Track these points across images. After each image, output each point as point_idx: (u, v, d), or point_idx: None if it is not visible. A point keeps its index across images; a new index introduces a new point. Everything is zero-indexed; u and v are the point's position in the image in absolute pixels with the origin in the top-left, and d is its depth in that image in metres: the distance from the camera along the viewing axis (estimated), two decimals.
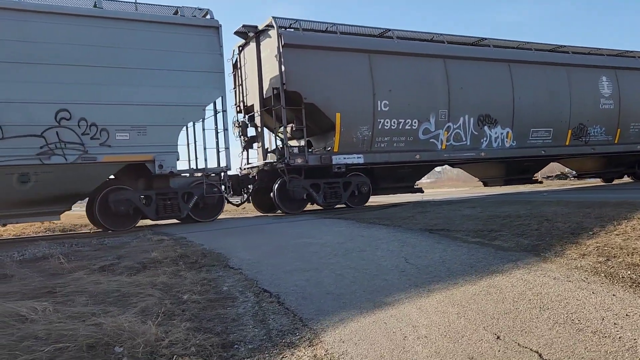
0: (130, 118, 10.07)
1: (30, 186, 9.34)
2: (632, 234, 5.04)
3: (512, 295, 3.42)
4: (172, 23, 10.72)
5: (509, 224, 6.63)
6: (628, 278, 3.54)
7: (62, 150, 9.48)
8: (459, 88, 13.72)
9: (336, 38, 12.57)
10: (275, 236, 7.47)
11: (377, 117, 12.56)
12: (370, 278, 4.23)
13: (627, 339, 2.53)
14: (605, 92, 16.39)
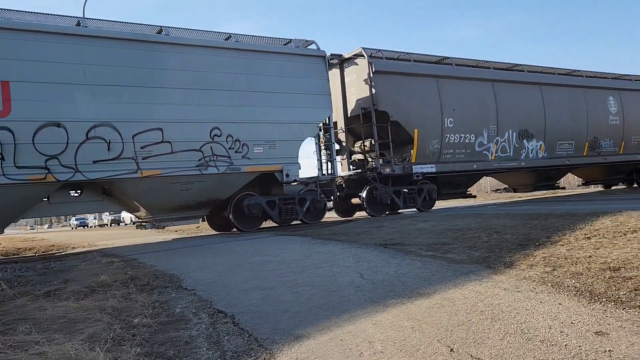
0: (264, 134, 11.80)
1: (188, 193, 11.03)
2: (575, 244, 5.25)
3: (465, 307, 3.49)
4: (293, 54, 12.56)
5: (460, 236, 6.79)
6: (573, 287, 3.68)
7: (214, 162, 11.12)
8: (504, 107, 15.88)
9: (411, 65, 14.59)
10: (230, 255, 7.37)
11: (444, 132, 14.54)
12: (327, 294, 4.23)
13: (572, 346, 2.62)
14: (612, 109, 18.98)
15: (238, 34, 12.01)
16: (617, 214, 7.07)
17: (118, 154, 9.99)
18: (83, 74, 9.79)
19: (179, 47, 10.97)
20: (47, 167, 9.28)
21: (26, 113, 9.19)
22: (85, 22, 10.27)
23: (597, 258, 4.42)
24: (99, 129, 9.84)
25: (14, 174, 9.01)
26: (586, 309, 3.19)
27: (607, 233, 5.63)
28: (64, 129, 9.50)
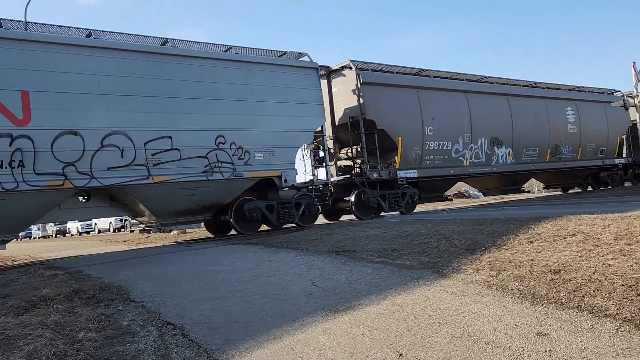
0: (264, 141, 12.34)
1: (193, 198, 11.50)
2: (519, 248, 5.44)
3: (414, 312, 3.56)
4: (289, 65, 13.19)
5: (410, 242, 6.91)
6: (516, 290, 3.81)
7: (219, 169, 11.60)
8: (477, 116, 16.97)
9: (395, 77, 15.53)
10: (181, 265, 7.22)
11: (425, 139, 15.52)
12: (278, 303, 4.22)
13: (515, 347, 2.71)
14: (570, 119, 20.56)
15: (237, 46, 12.55)
16: (558, 219, 7.38)
17: (131, 161, 10.43)
18: (97, 84, 10.20)
19: (187, 59, 11.48)
20: (64, 173, 9.65)
21: (45, 122, 9.53)
22: (98, 34, 10.65)
23: (539, 261, 4.60)
24: (112, 137, 10.26)
25: (34, 180, 9.35)
26: (529, 310, 3.31)
27: (549, 237, 5.87)
28: (80, 137, 9.89)
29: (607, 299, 3.28)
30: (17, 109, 9.31)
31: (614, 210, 8.28)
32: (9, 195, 9.13)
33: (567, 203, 14.10)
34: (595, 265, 4.19)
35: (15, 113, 9.31)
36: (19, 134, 9.25)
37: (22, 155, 9.23)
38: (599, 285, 3.61)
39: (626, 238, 5.13)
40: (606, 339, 2.66)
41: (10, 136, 9.17)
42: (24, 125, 9.34)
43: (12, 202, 9.27)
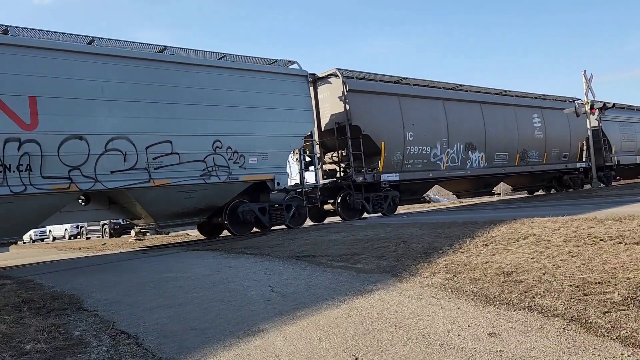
0: (257, 146, 12.85)
1: (191, 201, 11.90)
2: (474, 251, 5.57)
3: (371, 316, 3.59)
4: (282, 73, 13.77)
5: (370, 246, 6.97)
6: (471, 292, 3.89)
7: (216, 172, 12.04)
8: (453, 122, 17.83)
9: (378, 85, 16.28)
10: (136, 272, 7.07)
11: (406, 144, 16.23)
12: (237, 309, 4.18)
13: (468, 348, 2.77)
14: (537, 125, 21.74)
15: (231, 54, 13.04)
16: (512, 222, 7.58)
17: (133, 165, 10.80)
18: (101, 90, 10.54)
19: (187, 67, 11.92)
20: (70, 177, 9.95)
21: (52, 126, 9.81)
22: (100, 42, 11.00)
23: (493, 263, 4.72)
24: (116, 141, 10.60)
25: (40, 183, 9.60)
26: (482, 312, 3.39)
27: (503, 240, 6.02)
28: (85, 141, 10.20)
29: (556, 299, 3.38)
30: (25, 114, 9.57)
31: (564, 213, 8.58)
32: (16, 198, 9.40)
33: (525, 206, 14.51)
34: (545, 266, 4.32)
35: (24, 118, 9.57)
36: (27, 139, 9.52)
37: (29, 159, 9.52)
38: (548, 286, 3.72)
39: (575, 240, 5.32)
40: (554, 338, 2.75)
41: (19, 140, 9.44)
42: (32, 130, 9.60)
43: (19, 205, 9.52)
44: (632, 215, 6.62)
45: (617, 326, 2.75)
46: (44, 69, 9.83)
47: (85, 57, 10.47)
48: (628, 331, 2.65)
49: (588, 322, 2.88)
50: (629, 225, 5.75)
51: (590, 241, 5.12)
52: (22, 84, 9.56)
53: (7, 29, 9.89)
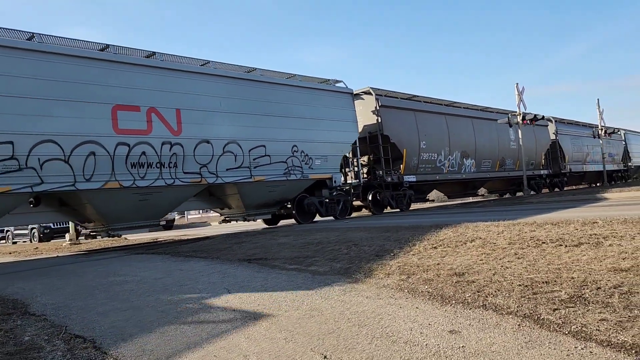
0: (320, 150, 15.65)
1: (273, 194, 14.58)
2: (424, 253, 5.76)
3: (333, 316, 3.65)
4: (334, 90, 16.70)
5: (321, 249, 7.04)
6: (426, 292, 4.03)
7: (293, 171, 14.82)
8: (453, 134, 21.34)
9: (400, 101, 19.75)
10: (82, 276, 6.80)
11: (420, 151, 19.52)
12: (195, 312, 4.13)
13: (432, 345, 2.88)
14: (512, 138, 25.34)
15: (300, 75, 15.87)
16: (457, 226, 7.88)
17: (240, 164, 13.46)
18: (219, 104, 13.16)
19: (272, 85, 14.70)
20: (200, 173, 12.45)
21: (190, 132, 12.34)
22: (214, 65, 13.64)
23: (444, 265, 4.90)
24: (229, 145, 13.22)
25: (183, 177, 12.10)
26: (439, 311, 3.52)
27: (451, 242, 6.26)
28: (210, 144, 12.76)
29: (508, 298, 3.57)
30: (174, 122, 12.10)
31: (505, 218, 9.01)
32: (167, 188, 11.84)
33: (463, 212, 15.07)
34: (494, 267, 4.54)
35: (173, 126, 12.08)
36: (175, 142, 12.02)
37: (176, 158, 11.97)
38: (499, 285, 3.92)
39: (519, 243, 5.61)
40: (511, 334, 2.91)
41: (170, 143, 11.93)
42: (178, 135, 12.10)
43: (167, 194, 12.03)
44: (568, 220, 7.05)
45: (567, 322, 2.94)
46: (184, 87, 12.43)
47: (209, 77, 13.13)
48: (578, 326, 2.85)
49: (540, 319, 3.07)
50: (567, 229, 6.13)
51: (534, 244, 5.42)
52: (171, 99, 12.06)
53: (155, 54, 12.42)
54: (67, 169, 10.22)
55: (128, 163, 11.15)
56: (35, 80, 10.00)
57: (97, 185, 10.65)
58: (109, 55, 11.33)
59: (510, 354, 2.61)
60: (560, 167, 29.16)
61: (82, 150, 10.45)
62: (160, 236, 17.69)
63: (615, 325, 2.78)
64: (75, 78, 10.57)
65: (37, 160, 9.84)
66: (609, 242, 5.02)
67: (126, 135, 11.18)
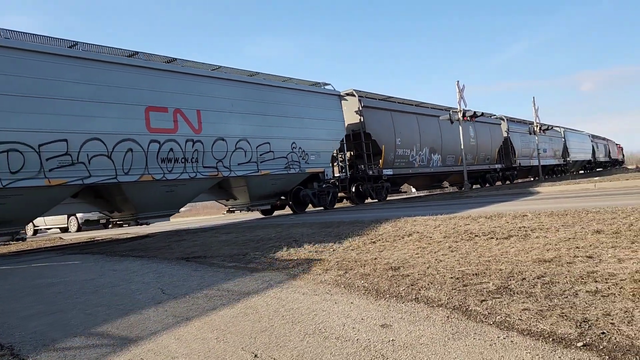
0: (314, 147, 17.46)
1: (274, 186, 16.34)
2: (363, 248, 5.81)
3: (267, 314, 3.61)
4: (324, 93, 18.58)
5: (262, 246, 6.99)
6: (362, 286, 4.06)
7: (292, 165, 16.56)
8: (423, 131, 23.51)
9: (378, 102, 21.97)
10: (5, 279, 6.44)
11: (396, 147, 21.69)
12: (124, 314, 3.98)
13: (362, 339, 2.90)
14: (472, 135, 27.73)
15: (292, 78, 17.72)
16: (396, 220, 8.02)
17: (249, 159, 15.14)
18: (232, 105, 14.77)
19: (272, 88, 16.32)
20: (217, 167, 14.07)
21: (209, 131, 13.94)
22: (224, 69, 15.15)
23: (381, 259, 4.96)
24: (240, 142, 14.87)
25: (202, 171, 13.70)
26: (373, 305, 3.55)
27: (389, 237, 6.35)
28: (225, 142, 14.38)
29: (439, 290, 3.65)
30: (195, 122, 13.62)
31: (443, 212, 9.24)
32: (189, 181, 13.41)
33: (405, 206, 15.36)
34: (429, 261, 4.64)
35: (195, 125, 13.60)
36: (197, 139, 13.56)
37: (197, 154, 13.50)
38: (432, 278, 4.00)
39: (453, 236, 5.76)
40: (439, 326, 2.97)
41: (192, 140, 13.43)
42: (199, 133, 13.65)
43: (189, 186, 13.57)
44: (500, 213, 7.30)
45: (492, 312, 3.03)
46: (203, 90, 13.95)
47: (222, 81, 14.67)
48: (502, 316, 2.94)
49: (468, 310, 3.15)
50: (499, 222, 6.35)
51: (467, 237, 5.57)
52: (192, 101, 13.56)
53: (176, 60, 13.88)
54: (110, 164, 11.62)
55: (159, 158, 12.68)
56: (82, 85, 11.21)
57: (134, 178, 12.11)
58: (140, 62, 12.73)
59: (437, 346, 2.66)
60: (511, 161, 32.30)
61: (121, 147, 11.85)
62: (98, 235, 17.06)
63: (536, 314, 2.89)
64: (114, 82, 11.89)
65: (86, 156, 11.14)
66: (536, 235, 5.24)
67: (157, 133, 12.68)
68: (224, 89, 14.61)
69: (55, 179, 10.55)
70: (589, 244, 4.55)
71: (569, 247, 4.54)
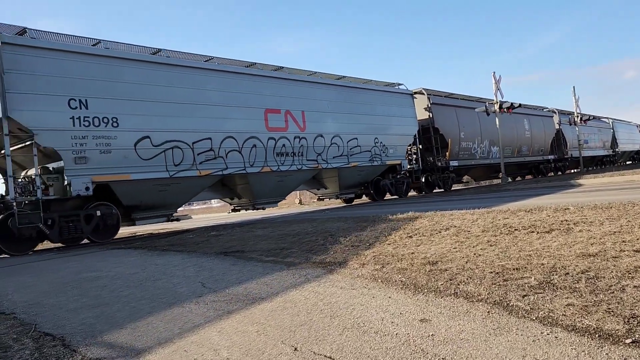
0: (392, 141, 19.89)
1: (359, 177, 18.89)
2: (400, 243, 5.78)
3: (306, 307, 3.64)
4: (400, 92, 21.05)
5: (298, 241, 7.03)
6: (400, 281, 4.05)
7: (375, 158, 19.00)
8: (483, 125, 25.33)
9: (444, 99, 24.09)
10: (55, 273, 6.69)
11: (460, 140, 23.77)
12: (167, 307, 4.08)
13: (402, 334, 2.90)
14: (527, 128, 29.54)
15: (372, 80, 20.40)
16: (433, 215, 7.94)
17: (341, 153, 17.58)
18: (328, 106, 17.32)
19: (358, 90, 18.96)
20: (317, 160, 16.67)
21: (311, 129, 16.59)
22: (320, 75, 18.01)
23: (418, 254, 4.93)
24: (334, 138, 17.37)
25: (306, 163, 16.28)
26: (411, 300, 3.54)
27: (426, 231, 6.30)
28: (322, 138, 16.91)
29: (479, 285, 3.60)
30: (301, 121, 16.28)
31: (480, 206, 9.09)
32: (296, 172, 16.02)
33: (441, 200, 15.18)
34: (467, 255, 4.58)
35: (300, 124, 16.25)
36: (302, 136, 16.17)
37: (302, 149, 16.18)
38: (471, 273, 3.95)
39: (492, 230, 5.67)
40: (480, 321, 2.93)
41: (299, 137, 16.07)
42: (303, 131, 16.28)
43: (296, 176, 16.32)
44: (540, 207, 7.14)
45: (535, 308, 2.98)
46: (306, 93, 16.61)
47: (320, 85, 17.34)
48: (545, 312, 2.89)
49: (509, 305, 3.10)
50: (539, 216, 6.21)
51: (506, 231, 5.48)
52: (299, 103, 16.17)
53: (283, 68, 16.62)
54: (240, 158, 14.36)
55: (274, 153, 15.31)
56: (219, 92, 13.99)
57: (257, 170, 14.83)
58: (259, 71, 15.58)
59: (478, 341, 2.63)
60: (563, 152, 33.88)
61: (248, 143, 14.59)
62: (138, 230, 17.51)
63: (581, 310, 2.82)
64: (241, 89, 14.61)
65: (224, 151, 13.87)
66: (579, 228, 5.10)
67: (273, 131, 15.35)
68: (321, 92, 17.20)
69: (204, 170, 13.35)
70: (637, 238, 4.41)
71: (614, 240, 4.41)
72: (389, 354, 2.63)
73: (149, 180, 12.24)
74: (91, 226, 11.38)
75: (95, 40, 12.43)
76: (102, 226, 11.62)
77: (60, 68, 10.99)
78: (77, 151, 11.01)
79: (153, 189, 12.48)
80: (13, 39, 10.56)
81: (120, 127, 11.74)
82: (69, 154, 10.87)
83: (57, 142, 10.72)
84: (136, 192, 12.18)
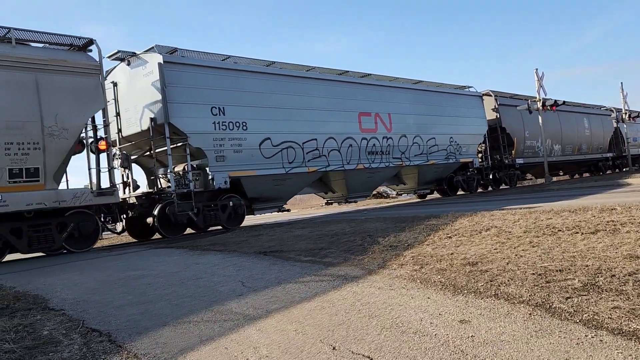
0: (465, 140, 21.37)
1: (435, 173, 20.43)
2: (439, 243, 5.73)
3: (344, 307, 3.66)
4: (470, 95, 22.47)
5: (336, 241, 7.05)
6: (439, 282, 4.02)
7: (450, 156, 20.56)
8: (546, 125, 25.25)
9: (508, 99, 25.10)
10: (101, 271, 6.93)
11: (525, 139, 24.82)
12: (208, 305, 4.17)
13: (441, 335, 2.88)
14: (586, 126, 30.24)
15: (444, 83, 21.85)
16: (473, 215, 7.82)
17: (421, 152, 19.23)
18: (409, 108, 18.99)
19: (430, 92, 20.43)
20: (401, 158, 18.33)
21: (397, 130, 18.33)
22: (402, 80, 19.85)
23: (458, 255, 4.87)
24: (416, 138, 19.07)
25: (392, 161, 18.03)
26: (451, 300, 3.51)
27: (465, 232, 6.21)
28: (406, 138, 18.66)
29: (520, 287, 3.54)
30: (388, 122, 18.02)
31: (522, 206, 8.89)
32: (383, 169, 17.74)
33: (483, 200, 14.92)
34: (508, 256, 4.50)
35: (387, 125, 17.99)
36: (389, 136, 17.89)
37: (389, 148, 17.88)
38: (512, 274, 3.88)
39: (534, 231, 5.54)
40: (521, 323, 2.88)
41: (386, 137, 17.80)
42: (390, 132, 18.00)
43: (383, 173, 18.07)
44: (585, 207, 6.93)
45: (579, 310, 2.90)
46: (392, 97, 18.36)
47: (402, 90, 19.03)
48: (590, 314, 2.81)
49: (552, 308, 3.03)
50: (584, 216, 6.04)
51: (549, 232, 5.35)
52: (386, 107, 18.02)
53: (370, 75, 18.45)
54: (339, 156, 16.18)
55: (366, 152, 17.04)
56: (321, 98, 15.92)
57: (353, 167, 16.65)
58: (351, 78, 17.46)
59: (519, 343, 2.59)
60: (621, 150, 34.55)
61: (345, 143, 16.39)
62: None
63: (628, 313, 2.74)
64: (338, 95, 16.52)
65: (327, 150, 15.73)
66: (627, 229, 4.94)
67: (365, 132, 17.09)
68: (402, 95, 18.89)
69: (311, 167, 15.33)
70: None
71: None
72: (427, 354, 2.62)
73: (269, 176, 14.26)
74: (226, 215, 13.31)
75: (224, 55, 14.50)
76: (233, 215, 13.55)
77: (204, 81, 13.17)
78: (217, 151, 13.12)
79: (271, 184, 14.47)
80: (171, 58, 12.77)
81: (249, 130, 13.84)
82: (211, 153, 12.97)
83: (203, 143, 12.82)
84: (258, 186, 14.18)
